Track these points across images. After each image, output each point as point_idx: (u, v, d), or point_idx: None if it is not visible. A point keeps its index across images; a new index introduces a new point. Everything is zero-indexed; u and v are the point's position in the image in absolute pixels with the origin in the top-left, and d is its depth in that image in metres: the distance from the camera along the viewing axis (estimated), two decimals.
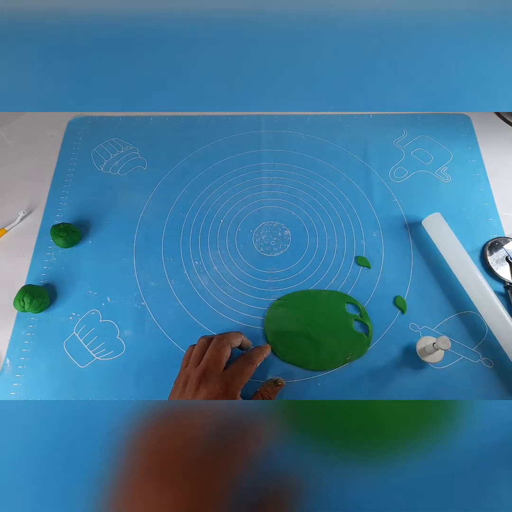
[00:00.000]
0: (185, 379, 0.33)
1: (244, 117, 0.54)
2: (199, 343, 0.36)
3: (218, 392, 0.31)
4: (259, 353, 0.36)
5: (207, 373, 0.33)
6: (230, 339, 0.35)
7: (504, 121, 0.53)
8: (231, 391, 0.32)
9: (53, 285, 0.43)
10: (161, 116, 0.54)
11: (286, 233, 0.46)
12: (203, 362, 0.34)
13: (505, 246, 0.44)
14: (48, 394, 0.38)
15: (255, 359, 0.35)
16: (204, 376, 0.32)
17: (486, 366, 0.38)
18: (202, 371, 0.33)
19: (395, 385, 0.38)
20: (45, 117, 0.54)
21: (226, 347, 0.34)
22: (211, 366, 0.33)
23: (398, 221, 0.46)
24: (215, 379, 0.32)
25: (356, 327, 0.40)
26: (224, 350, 0.34)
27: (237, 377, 0.33)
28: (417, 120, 0.53)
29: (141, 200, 0.48)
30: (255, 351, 0.36)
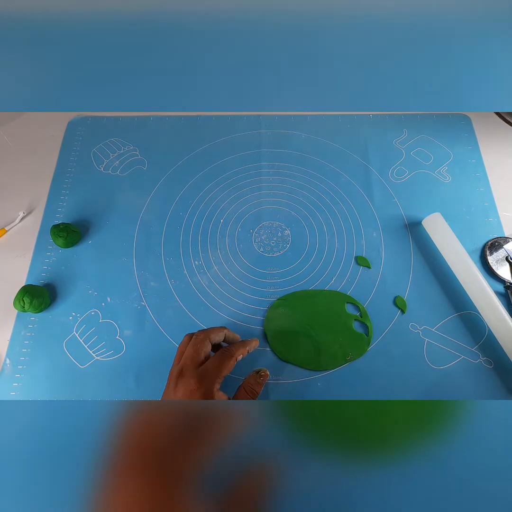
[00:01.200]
0: (169, 377, 0.34)
1: (244, 117, 0.54)
2: (183, 341, 0.35)
3: (192, 388, 0.31)
4: (240, 346, 0.35)
5: (184, 369, 0.32)
6: (208, 334, 0.34)
7: (504, 121, 0.53)
8: (206, 387, 0.31)
9: (53, 285, 0.43)
10: (161, 116, 0.54)
11: (286, 233, 0.46)
12: (182, 359, 0.33)
13: (505, 246, 0.44)
14: (48, 394, 0.38)
15: (234, 352, 0.34)
16: (181, 373, 0.32)
17: (486, 366, 0.38)
18: (180, 368, 0.33)
19: (395, 385, 0.38)
20: (45, 117, 0.54)
21: (204, 342, 0.34)
22: (188, 362, 0.33)
23: (398, 221, 0.46)
24: (190, 375, 0.32)
25: (356, 327, 0.40)
26: (201, 346, 0.33)
27: (213, 370, 0.32)
28: (417, 120, 0.53)
29: (141, 200, 0.48)
30: (236, 344, 0.35)
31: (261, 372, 0.36)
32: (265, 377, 0.36)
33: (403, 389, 0.38)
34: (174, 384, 0.32)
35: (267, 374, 0.36)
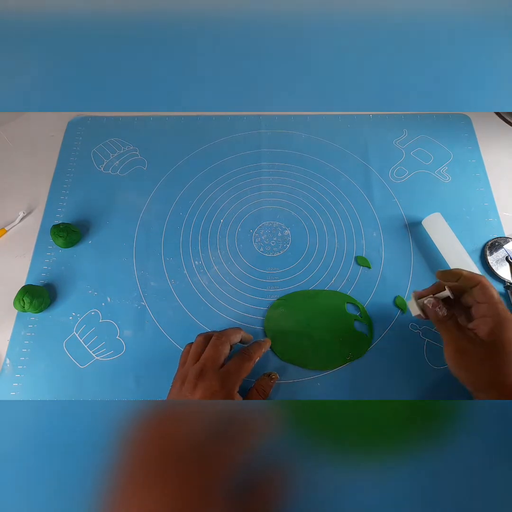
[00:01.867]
0: (183, 378, 0.33)
1: (244, 117, 0.54)
2: (197, 341, 0.36)
3: (214, 389, 0.32)
4: (257, 349, 0.36)
5: (204, 370, 0.33)
6: (228, 337, 0.35)
7: (504, 121, 0.53)
8: (228, 388, 0.32)
9: (53, 285, 0.43)
10: (161, 116, 0.54)
11: (286, 233, 0.46)
12: (201, 360, 0.34)
13: (505, 246, 0.44)
14: (48, 394, 0.38)
15: (253, 355, 0.35)
16: (201, 374, 0.32)
17: None
18: (200, 369, 0.33)
19: (395, 385, 0.38)
20: (45, 117, 0.54)
21: (225, 345, 0.34)
22: (208, 364, 0.33)
23: (398, 221, 0.46)
24: (211, 376, 0.32)
25: (356, 327, 0.40)
26: (222, 348, 0.34)
27: (234, 373, 0.33)
28: (417, 120, 0.53)
29: (141, 200, 0.48)
30: (253, 346, 0.36)
31: (271, 375, 0.37)
32: (275, 379, 0.37)
33: (403, 389, 0.37)
34: (193, 384, 0.32)
35: (277, 377, 0.37)
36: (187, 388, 0.32)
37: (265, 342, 0.38)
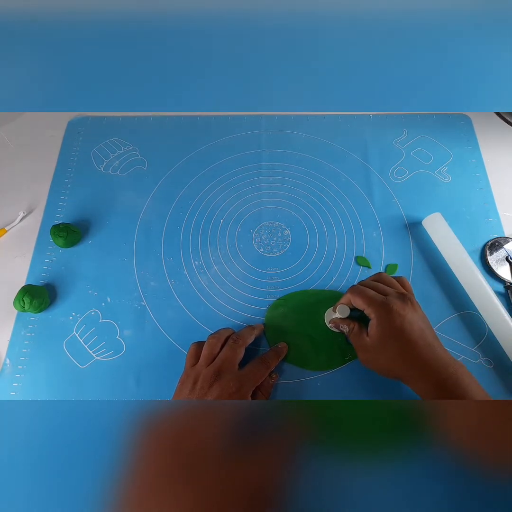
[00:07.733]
0: (195, 377, 0.34)
1: (244, 117, 0.54)
2: (209, 342, 0.36)
3: (231, 391, 0.32)
4: (274, 357, 0.37)
5: (222, 371, 0.33)
6: (245, 340, 0.36)
7: (504, 121, 0.53)
8: (244, 391, 0.33)
9: (53, 285, 0.43)
10: (161, 116, 0.54)
11: (286, 233, 0.46)
12: (217, 360, 0.34)
13: (505, 246, 0.44)
14: (48, 394, 0.38)
15: (271, 363, 0.36)
16: (218, 375, 0.33)
17: (486, 366, 0.38)
18: (217, 370, 0.33)
19: (395, 385, 0.38)
20: (45, 117, 0.54)
21: (242, 348, 0.35)
22: (226, 365, 0.34)
23: (398, 221, 0.46)
24: (229, 378, 0.33)
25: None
26: (240, 351, 0.35)
27: (251, 378, 0.34)
28: (417, 120, 0.53)
29: (141, 200, 0.48)
30: (271, 354, 0.37)
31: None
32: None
33: (403, 389, 0.37)
34: (209, 384, 0.32)
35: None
36: (202, 388, 0.32)
37: (282, 351, 0.38)
